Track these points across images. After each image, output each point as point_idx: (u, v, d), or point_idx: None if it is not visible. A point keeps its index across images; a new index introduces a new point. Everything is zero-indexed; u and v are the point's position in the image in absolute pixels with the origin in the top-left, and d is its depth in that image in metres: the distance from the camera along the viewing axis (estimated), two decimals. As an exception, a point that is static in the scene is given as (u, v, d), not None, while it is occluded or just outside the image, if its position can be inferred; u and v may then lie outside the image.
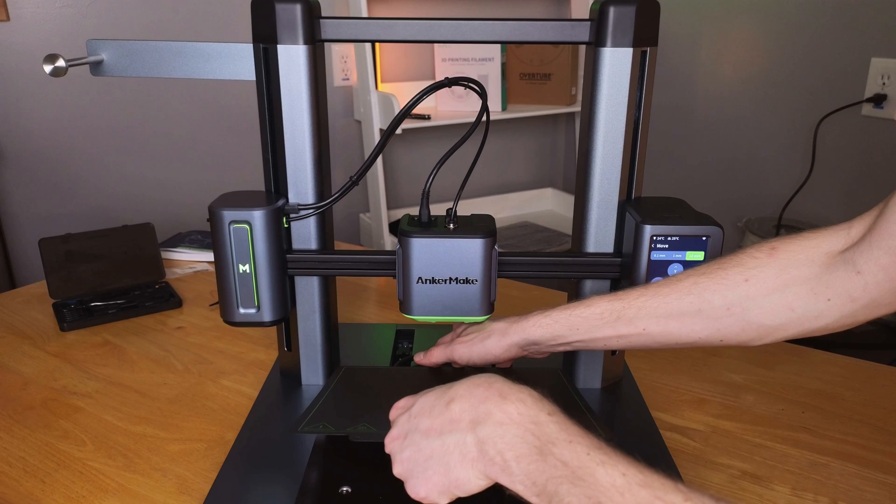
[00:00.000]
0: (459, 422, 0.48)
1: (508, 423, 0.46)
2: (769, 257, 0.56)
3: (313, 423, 0.63)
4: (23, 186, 1.70)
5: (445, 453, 0.47)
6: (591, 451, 0.43)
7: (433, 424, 0.49)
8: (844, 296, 0.53)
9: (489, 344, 0.68)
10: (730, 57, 1.97)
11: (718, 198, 2.02)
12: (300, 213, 0.72)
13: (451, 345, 0.71)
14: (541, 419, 0.46)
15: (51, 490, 0.66)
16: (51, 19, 1.63)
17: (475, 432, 0.47)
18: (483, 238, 0.68)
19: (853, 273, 0.52)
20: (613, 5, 0.66)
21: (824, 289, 0.53)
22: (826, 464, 0.70)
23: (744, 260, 0.57)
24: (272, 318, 0.71)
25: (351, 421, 0.63)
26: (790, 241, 0.56)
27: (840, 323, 0.54)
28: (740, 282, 0.56)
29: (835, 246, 0.54)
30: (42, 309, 1.04)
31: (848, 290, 0.52)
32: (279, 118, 0.70)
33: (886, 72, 1.63)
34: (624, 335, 0.61)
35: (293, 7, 0.66)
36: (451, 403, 0.49)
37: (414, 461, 0.49)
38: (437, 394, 0.51)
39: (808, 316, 0.55)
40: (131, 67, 0.71)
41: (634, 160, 0.73)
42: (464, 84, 0.69)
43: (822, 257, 0.54)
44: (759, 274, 0.56)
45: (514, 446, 0.45)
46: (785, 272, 0.55)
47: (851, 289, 0.52)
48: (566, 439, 0.44)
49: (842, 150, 1.75)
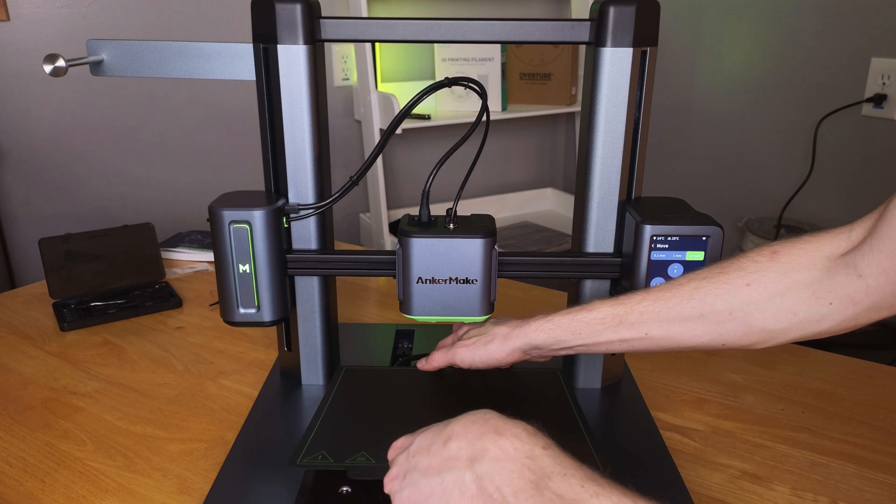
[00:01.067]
0: (457, 459, 0.49)
1: (505, 459, 0.47)
2: (771, 261, 0.56)
3: (311, 453, 0.62)
4: (23, 186, 1.70)
5: (445, 492, 0.48)
6: (584, 483, 0.45)
7: (431, 463, 0.50)
8: (846, 299, 0.52)
9: (492, 348, 0.68)
10: (730, 57, 1.97)
11: (718, 198, 2.02)
12: (300, 213, 0.72)
13: (452, 349, 0.71)
14: (536, 453, 0.47)
15: (51, 490, 0.66)
16: (51, 19, 1.63)
17: (473, 469, 0.47)
18: (483, 238, 0.68)
19: (855, 276, 0.52)
20: (613, 5, 0.66)
21: (826, 293, 0.53)
22: (826, 464, 0.70)
23: (745, 264, 0.57)
24: (272, 318, 0.71)
25: (349, 449, 0.63)
26: (791, 244, 0.56)
27: (842, 326, 0.54)
28: (742, 286, 0.56)
29: (836, 249, 0.54)
30: (42, 309, 1.04)
31: (850, 294, 0.52)
32: (279, 118, 0.70)
33: (886, 72, 1.63)
34: (626, 339, 0.61)
35: (293, 7, 0.66)
36: (449, 442, 0.50)
37: (414, 501, 0.50)
38: (434, 432, 0.52)
39: (810, 319, 0.55)
40: (131, 67, 0.71)
41: (634, 160, 0.73)
42: (464, 84, 0.69)
43: (824, 261, 0.54)
44: (761, 278, 0.56)
45: (512, 482, 0.46)
46: (787, 276, 0.55)
47: (853, 292, 0.52)
48: (561, 472, 0.46)
49: (842, 150, 1.75)
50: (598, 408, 0.77)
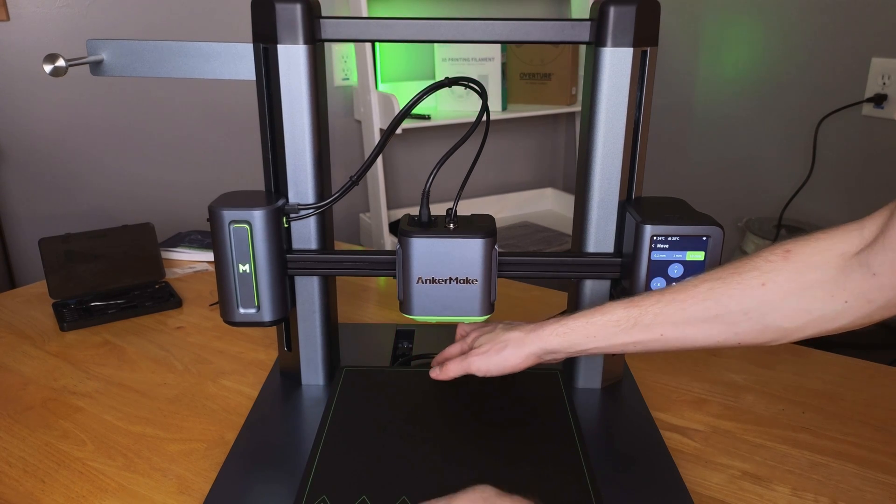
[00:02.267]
0: None
1: None
2: (784, 261, 0.56)
3: (313, 499, 0.60)
4: (23, 186, 1.70)
5: None
6: None
7: None
8: (861, 298, 0.53)
9: (507, 354, 0.67)
10: (730, 57, 1.97)
11: (718, 198, 2.02)
12: (300, 213, 0.72)
13: (467, 358, 0.70)
14: None
15: (51, 490, 0.66)
16: (51, 19, 1.63)
17: None
18: (483, 238, 0.68)
19: (869, 275, 0.52)
20: (614, 5, 0.66)
21: (841, 291, 0.53)
22: (826, 464, 0.70)
23: (759, 264, 0.57)
24: (272, 318, 0.71)
25: (351, 492, 0.61)
26: (804, 242, 0.56)
27: (857, 323, 0.54)
28: (757, 286, 0.56)
29: (849, 247, 0.54)
30: (42, 309, 1.04)
31: (864, 292, 0.52)
32: (279, 118, 0.70)
33: (886, 72, 1.62)
34: (641, 341, 0.62)
35: (293, 7, 0.66)
36: None
37: None
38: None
39: (825, 317, 0.55)
40: (131, 67, 0.71)
41: (634, 160, 0.72)
42: (464, 84, 0.69)
43: (838, 259, 0.54)
44: (776, 278, 0.56)
45: None
46: (801, 275, 0.55)
47: (867, 290, 0.52)
48: None
49: (842, 150, 1.75)
50: (597, 408, 0.77)
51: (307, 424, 0.72)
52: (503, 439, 0.69)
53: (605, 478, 0.64)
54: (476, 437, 0.69)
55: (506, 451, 0.67)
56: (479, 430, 0.71)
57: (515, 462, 0.66)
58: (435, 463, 0.65)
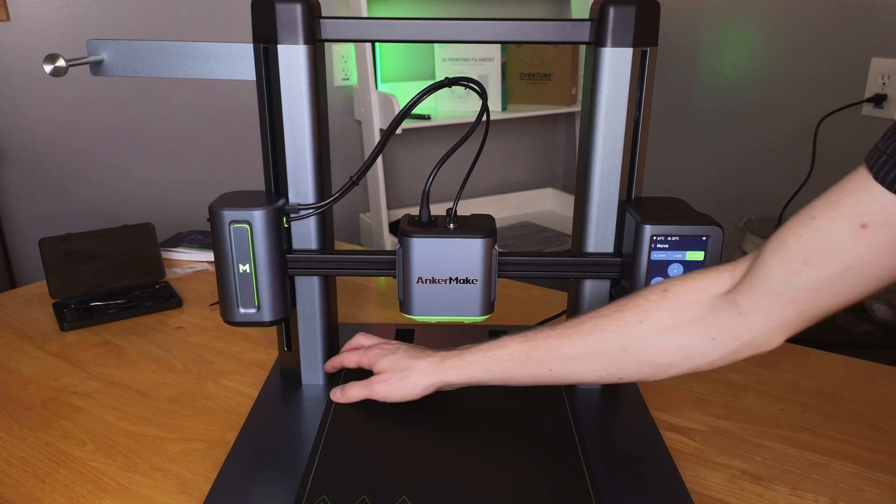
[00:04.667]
0: None
1: None
2: (662, 299, 0.59)
3: (312, 499, 0.60)
4: (23, 186, 1.70)
5: None
6: None
7: None
8: (728, 335, 0.56)
9: (409, 383, 0.70)
10: (730, 57, 1.97)
11: (718, 198, 2.02)
12: (300, 213, 0.72)
13: (370, 384, 0.73)
14: None
15: (51, 490, 0.66)
16: (51, 19, 1.63)
17: None
18: (483, 238, 0.68)
19: (736, 314, 0.55)
20: (613, 5, 0.66)
21: (709, 328, 0.57)
22: (826, 464, 0.70)
23: (639, 302, 0.61)
24: (272, 318, 0.71)
25: (351, 493, 0.61)
26: (681, 282, 0.60)
27: (725, 359, 0.57)
28: (635, 323, 0.60)
29: (720, 287, 0.57)
30: (42, 309, 1.04)
31: (731, 330, 0.56)
32: (279, 118, 0.70)
33: (886, 72, 1.63)
34: (533, 375, 0.65)
35: (293, 7, 0.66)
36: None
37: None
38: None
39: (695, 354, 0.58)
40: (131, 67, 0.71)
41: (634, 160, 0.73)
42: (464, 84, 0.69)
43: (710, 298, 0.57)
44: (653, 315, 0.59)
45: None
46: (675, 314, 0.58)
47: (734, 328, 0.55)
48: None
49: (842, 150, 1.75)
50: (597, 408, 0.77)
51: (307, 424, 0.72)
52: (503, 439, 0.69)
53: (605, 478, 0.64)
54: (476, 437, 0.69)
55: (506, 450, 0.67)
56: (478, 429, 0.71)
57: (515, 462, 0.66)
58: (435, 463, 0.65)
